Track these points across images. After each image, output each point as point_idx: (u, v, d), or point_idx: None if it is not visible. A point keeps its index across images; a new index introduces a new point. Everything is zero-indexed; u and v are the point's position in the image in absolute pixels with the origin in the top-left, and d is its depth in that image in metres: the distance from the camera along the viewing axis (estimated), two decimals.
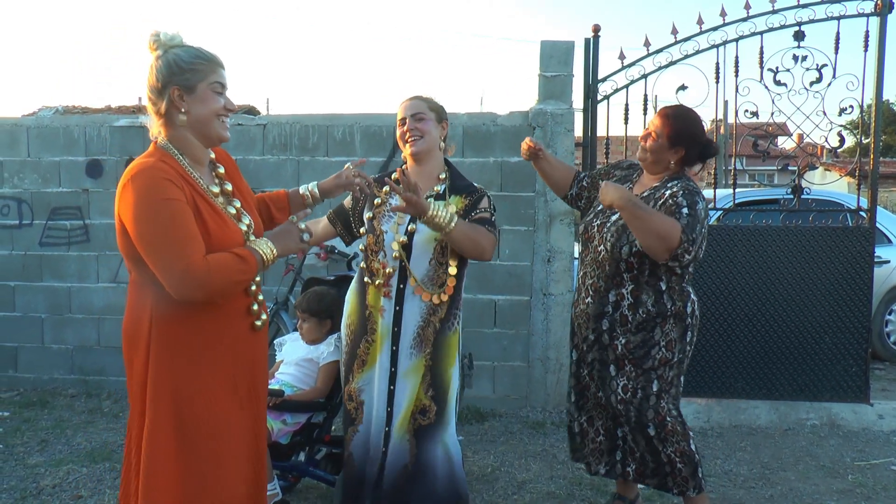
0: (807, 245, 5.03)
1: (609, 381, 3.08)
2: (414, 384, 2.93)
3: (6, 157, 5.70)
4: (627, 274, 3.00)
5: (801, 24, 4.92)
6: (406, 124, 2.99)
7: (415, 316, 2.91)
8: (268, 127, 5.43)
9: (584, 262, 3.18)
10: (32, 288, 5.72)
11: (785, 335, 5.05)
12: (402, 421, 2.92)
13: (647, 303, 2.99)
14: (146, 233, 2.05)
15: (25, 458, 4.29)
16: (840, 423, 4.94)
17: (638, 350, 3.00)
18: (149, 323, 2.13)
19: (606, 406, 3.14)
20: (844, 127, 5.37)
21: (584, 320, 3.15)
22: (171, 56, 2.18)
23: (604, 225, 3.09)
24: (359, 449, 2.98)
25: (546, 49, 5.20)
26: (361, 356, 2.97)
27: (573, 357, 3.28)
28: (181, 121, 2.18)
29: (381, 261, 2.92)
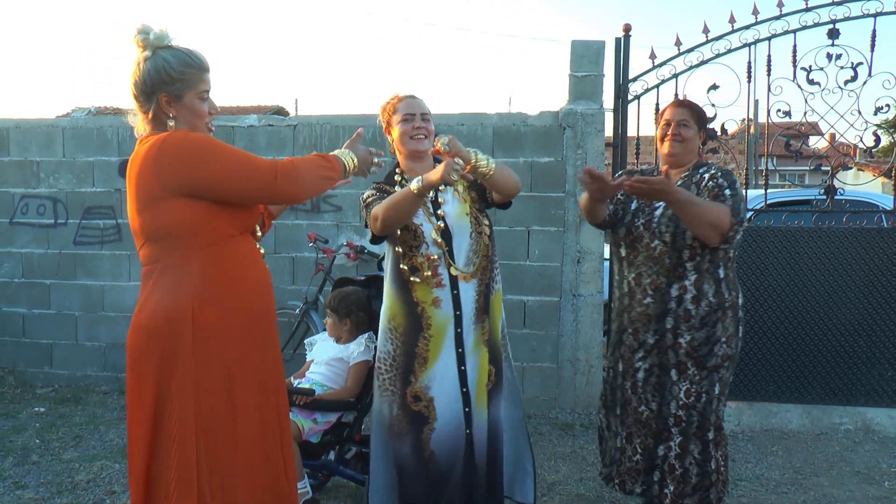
0: (840, 246, 4.96)
1: (670, 386, 2.97)
2: (479, 357, 2.94)
3: (42, 157, 5.80)
4: (690, 263, 2.94)
5: (836, 22, 4.85)
6: (415, 121, 2.96)
7: (470, 293, 2.92)
8: (298, 127, 5.47)
9: (635, 264, 3.06)
10: (67, 286, 5.81)
11: (818, 338, 4.98)
12: (479, 397, 2.92)
13: (708, 293, 2.94)
14: (219, 161, 2.12)
15: (60, 454, 4.37)
16: (875, 428, 4.86)
17: (702, 347, 2.93)
18: (191, 313, 2.11)
19: (649, 421, 3.02)
20: (880, 126, 5.28)
21: (643, 323, 3.03)
22: (160, 61, 2.18)
23: (650, 221, 3.02)
24: (441, 445, 2.89)
25: (577, 49, 5.18)
26: (422, 354, 2.89)
27: (619, 368, 3.14)
28: (170, 126, 2.21)
29: (425, 253, 2.88)
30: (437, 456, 2.90)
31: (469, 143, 2.90)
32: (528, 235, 5.23)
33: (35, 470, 4.11)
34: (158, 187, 2.10)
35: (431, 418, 2.89)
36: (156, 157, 2.10)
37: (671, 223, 2.96)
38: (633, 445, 3.10)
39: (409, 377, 2.90)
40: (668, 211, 2.98)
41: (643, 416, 3.04)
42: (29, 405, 5.34)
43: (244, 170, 2.15)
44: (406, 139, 2.97)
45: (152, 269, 2.18)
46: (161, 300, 2.14)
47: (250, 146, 5.46)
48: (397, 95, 3.05)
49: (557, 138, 5.19)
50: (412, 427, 2.90)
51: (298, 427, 3.37)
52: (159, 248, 2.16)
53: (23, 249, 5.86)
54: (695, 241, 2.92)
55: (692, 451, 2.98)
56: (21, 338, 5.91)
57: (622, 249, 3.14)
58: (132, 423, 2.21)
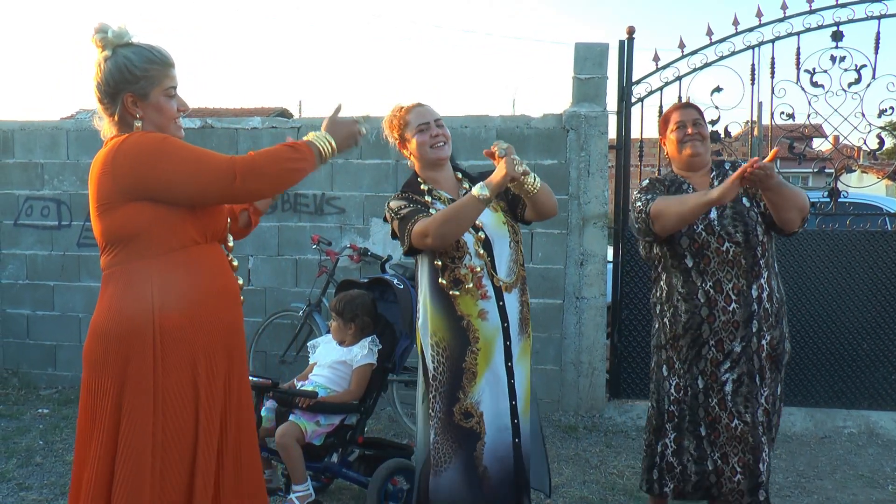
0: (844, 249, 4.96)
1: (756, 394, 2.89)
2: (525, 367, 2.89)
3: (47, 159, 5.81)
4: (763, 260, 2.91)
5: (840, 24, 4.85)
6: (431, 129, 2.88)
7: (514, 304, 2.86)
8: (302, 129, 5.47)
9: (709, 271, 2.90)
10: (71, 288, 5.82)
11: (821, 341, 4.98)
12: (525, 408, 2.86)
13: (776, 289, 2.94)
14: (174, 162, 2.03)
15: (64, 455, 4.37)
16: (879, 431, 4.86)
17: (779, 346, 2.94)
18: (151, 315, 2.04)
19: (745, 435, 2.86)
20: (884, 128, 5.28)
21: (728, 332, 2.89)
22: (121, 60, 2.10)
23: (710, 225, 2.90)
24: (493, 460, 2.78)
25: (580, 51, 5.18)
26: (470, 369, 2.76)
27: (698, 386, 2.95)
28: (136, 127, 2.13)
29: (469, 264, 2.76)
30: (490, 472, 2.79)
31: (473, 145, 2.89)
32: (531, 238, 5.23)
33: (39, 471, 4.12)
34: (115, 191, 2.04)
35: (483, 433, 2.77)
36: (112, 160, 2.04)
37: (738, 223, 2.88)
38: (732, 466, 2.90)
39: (457, 394, 2.77)
40: (727, 211, 2.90)
41: (738, 431, 2.88)
42: (33, 407, 5.35)
43: (199, 170, 2.06)
44: (427, 149, 2.86)
45: (111, 273, 2.10)
46: (121, 305, 2.06)
47: (254, 148, 5.42)
48: (402, 107, 2.95)
49: (561, 141, 5.19)
50: (462, 447, 2.77)
51: (301, 429, 3.37)
52: (119, 253, 2.09)
53: (27, 251, 5.87)
54: (764, 237, 2.90)
55: (770, 455, 2.93)
56: (25, 339, 5.92)
57: (687, 260, 2.95)
58: (83, 433, 2.11)
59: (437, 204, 2.85)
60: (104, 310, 2.10)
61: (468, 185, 2.93)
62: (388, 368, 3.66)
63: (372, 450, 3.72)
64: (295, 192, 5.42)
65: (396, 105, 2.97)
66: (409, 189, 2.92)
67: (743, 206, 2.92)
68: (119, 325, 2.05)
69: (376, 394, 3.65)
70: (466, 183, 2.96)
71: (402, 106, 2.95)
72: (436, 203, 2.85)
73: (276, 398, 3.48)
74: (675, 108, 3.13)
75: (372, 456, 3.69)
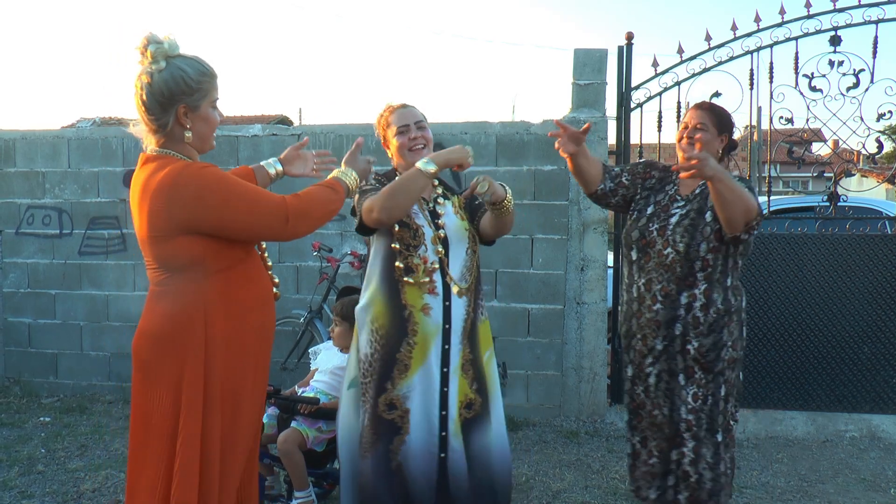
0: (844, 253, 4.96)
1: (678, 391, 2.99)
2: (459, 379, 2.83)
3: (48, 168, 5.83)
4: (702, 273, 2.95)
5: (838, 29, 4.87)
6: (411, 132, 2.89)
7: (460, 309, 2.82)
8: (302, 137, 5.43)
9: (646, 269, 3.05)
10: (72, 296, 5.83)
11: (822, 345, 4.98)
12: (456, 420, 2.80)
13: (717, 301, 2.95)
14: (231, 204, 2.09)
15: (66, 463, 4.37)
16: (881, 435, 4.85)
17: (710, 353, 2.95)
18: (203, 323, 2.12)
19: (662, 425, 3.04)
20: (882, 132, 5.28)
21: (652, 329, 3.03)
22: (176, 71, 2.12)
23: (664, 228, 3.02)
24: (410, 458, 2.76)
25: (579, 57, 5.20)
26: (403, 360, 2.75)
27: (629, 373, 3.17)
28: (187, 138, 2.16)
29: (423, 255, 2.78)
30: (404, 469, 2.75)
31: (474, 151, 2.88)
32: (531, 243, 5.24)
33: (41, 479, 4.12)
34: (170, 225, 2.09)
35: (404, 430, 2.75)
36: (168, 195, 2.07)
37: (686, 233, 2.96)
38: (649, 449, 3.11)
39: (386, 384, 2.75)
40: (683, 220, 2.99)
41: (657, 420, 3.06)
42: (34, 415, 5.35)
43: (254, 212, 2.14)
44: (405, 152, 2.89)
45: (163, 290, 2.18)
46: (171, 309, 2.14)
47: (254, 156, 5.48)
48: (389, 106, 2.98)
49: None
50: (381, 437, 2.75)
51: (303, 435, 3.37)
52: (172, 276, 2.16)
53: (28, 260, 5.88)
54: (708, 254, 2.94)
55: (705, 455, 2.98)
56: (27, 347, 5.92)
57: (633, 253, 3.12)
58: (141, 430, 2.17)
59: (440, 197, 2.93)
60: (154, 312, 2.17)
61: (441, 190, 2.99)
62: None
63: None
64: None
65: (386, 104, 3.01)
66: (384, 176, 2.96)
67: (702, 220, 2.97)
68: (169, 327, 2.13)
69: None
70: (441, 189, 3.00)
71: (390, 105, 2.99)
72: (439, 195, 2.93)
73: (277, 405, 3.48)
74: (691, 108, 3.19)
75: None
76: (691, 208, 3.02)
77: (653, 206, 3.12)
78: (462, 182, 5.15)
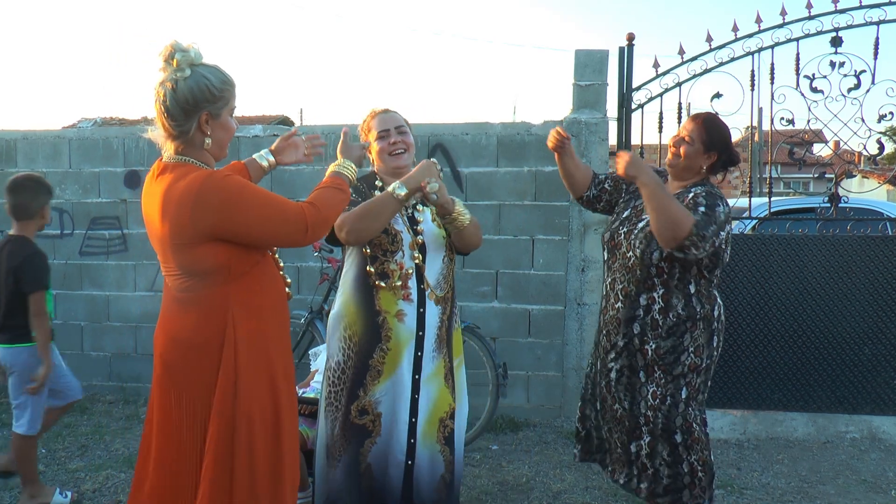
0: (844, 254, 4.96)
1: (639, 387, 3.06)
2: (437, 388, 2.84)
3: (49, 168, 5.82)
4: (658, 279, 3.00)
5: (839, 30, 4.86)
6: (391, 136, 2.92)
7: (434, 317, 2.84)
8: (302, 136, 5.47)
9: (613, 269, 3.16)
10: (72, 296, 5.83)
11: (823, 346, 4.97)
12: (429, 429, 2.82)
13: (677, 306, 2.98)
14: (254, 213, 2.13)
15: (66, 463, 4.38)
16: (881, 436, 4.85)
17: (668, 356, 2.99)
18: (233, 328, 2.16)
19: (623, 418, 3.11)
20: (884, 134, 5.28)
21: (614, 326, 3.12)
22: (201, 79, 2.16)
23: (631, 232, 3.09)
24: (379, 460, 2.80)
25: (580, 58, 5.20)
26: (376, 366, 2.78)
27: (597, 366, 3.25)
28: (206, 144, 2.21)
29: (399, 261, 2.80)
30: (373, 470, 2.78)
31: (474, 152, 2.91)
32: (532, 244, 5.23)
33: (41, 479, 4.11)
34: (193, 233, 2.11)
35: (375, 433, 2.78)
36: (193, 204, 2.09)
37: (644, 240, 3.00)
38: (614, 440, 3.20)
39: (358, 391, 2.77)
40: (647, 227, 3.00)
41: (618, 414, 3.13)
42: None
43: (275, 220, 2.18)
44: (385, 156, 2.93)
45: (188, 297, 2.21)
46: (200, 317, 2.18)
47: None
48: (372, 111, 3.01)
49: None
50: (351, 442, 2.78)
51: (304, 436, 3.37)
52: (195, 283, 2.19)
53: None
54: (662, 262, 2.96)
55: (660, 451, 3.03)
56: None
57: (605, 253, 3.25)
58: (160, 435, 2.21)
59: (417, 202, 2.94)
60: (188, 324, 2.20)
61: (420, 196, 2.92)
62: None
63: None
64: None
65: (370, 109, 3.04)
66: (364, 180, 2.96)
67: None
68: (205, 338, 2.17)
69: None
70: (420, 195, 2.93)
71: (373, 110, 3.02)
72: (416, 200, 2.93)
73: None
74: (690, 117, 3.20)
75: None
76: None
77: (630, 210, 3.19)
78: (463, 184, 5.16)
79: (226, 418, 2.14)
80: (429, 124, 5.37)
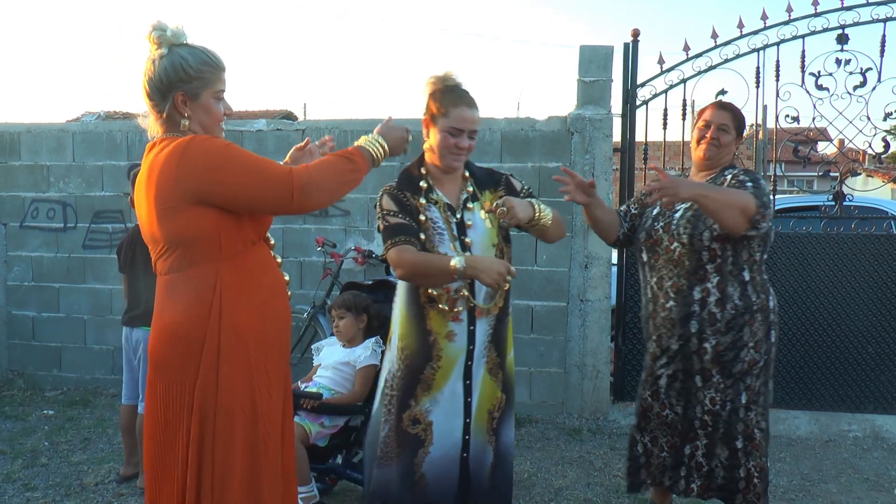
0: (849, 253, 4.95)
1: (695, 392, 2.94)
2: (484, 383, 2.80)
3: (53, 161, 5.83)
4: (711, 265, 2.89)
5: (845, 27, 4.85)
6: (462, 139, 2.67)
7: (486, 327, 2.77)
8: (306, 132, 5.48)
9: (657, 267, 3.01)
10: (76, 289, 5.84)
11: (826, 344, 4.97)
12: (479, 423, 2.79)
13: (733, 296, 2.88)
14: (237, 173, 2.05)
15: (69, 456, 4.39)
16: (884, 435, 4.84)
17: (728, 353, 2.88)
18: (219, 312, 2.07)
19: (674, 423, 3.00)
20: (889, 132, 5.27)
21: (667, 328, 2.97)
22: (176, 58, 2.11)
23: (669, 224, 2.98)
24: (434, 469, 2.75)
25: (585, 54, 5.18)
26: (426, 381, 2.72)
27: (642, 377, 3.14)
28: (184, 125, 2.15)
29: (445, 286, 2.65)
30: (427, 479, 2.76)
31: (478, 147, 2.80)
32: (535, 240, 5.22)
33: (44, 472, 4.13)
34: (179, 195, 2.04)
35: (428, 442, 2.75)
36: (178, 163, 2.04)
37: (689, 224, 2.91)
38: (660, 445, 3.07)
39: (409, 401, 2.74)
40: (687, 213, 2.95)
41: (668, 419, 3.02)
42: (38, 408, 5.37)
43: (259, 183, 2.08)
44: (445, 153, 2.70)
45: (174, 278, 2.12)
46: (185, 298, 2.09)
47: (259, 151, 5.48)
48: (455, 90, 2.69)
49: (566, 143, 5.19)
50: (405, 450, 2.75)
51: (306, 430, 3.38)
52: (181, 256, 2.10)
53: (33, 253, 5.89)
54: (713, 243, 2.87)
55: (719, 454, 2.95)
56: (31, 341, 5.94)
57: (644, 254, 3.09)
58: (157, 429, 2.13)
59: (431, 209, 2.72)
60: (171, 309, 2.11)
61: (472, 189, 2.81)
62: None
63: None
64: None
65: (452, 79, 2.72)
66: (406, 184, 2.76)
67: None
68: (190, 322, 2.08)
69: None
70: (471, 186, 2.82)
71: (455, 87, 2.71)
72: (430, 208, 2.73)
73: None
74: (711, 106, 3.13)
75: None
76: None
77: (658, 206, 3.09)
78: None
79: (207, 412, 2.06)
80: None
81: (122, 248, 4.06)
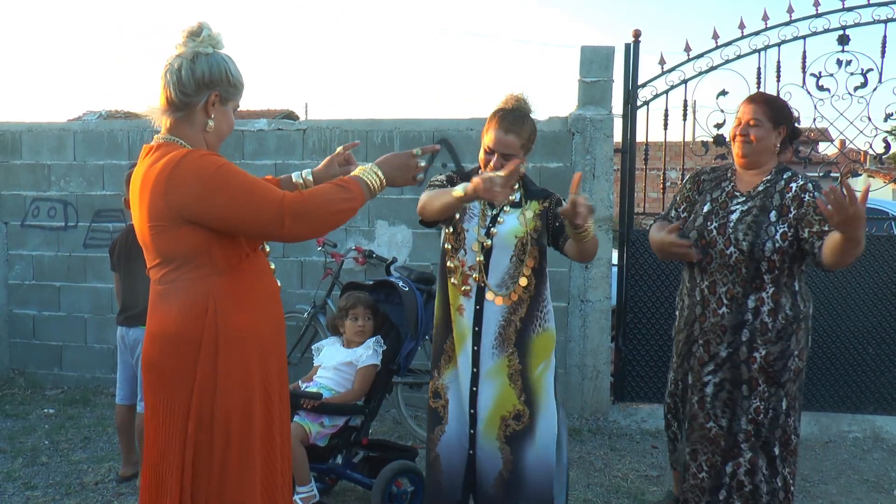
0: None
1: (740, 401, 2.87)
2: (499, 386, 2.81)
3: (54, 160, 5.84)
4: (769, 275, 2.82)
5: (846, 28, 4.84)
6: (493, 159, 2.78)
7: (495, 314, 2.81)
8: (307, 132, 5.48)
9: (709, 271, 2.92)
10: (77, 288, 5.84)
11: (826, 345, 4.97)
12: (489, 425, 2.81)
13: (785, 307, 2.83)
14: (228, 197, 2.00)
15: (69, 455, 4.39)
16: (884, 436, 4.84)
17: (777, 363, 2.83)
18: (214, 320, 2.04)
19: (718, 438, 2.91)
20: (890, 132, 5.27)
21: (717, 334, 2.90)
22: (221, 61, 2.12)
23: (724, 225, 2.89)
24: (447, 450, 2.85)
25: (586, 54, 5.18)
26: (448, 352, 2.88)
27: (688, 380, 3.02)
28: (208, 126, 2.13)
29: (461, 259, 2.84)
30: (441, 460, 2.85)
31: (478, 147, 2.87)
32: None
33: (44, 471, 4.14)
34: (168, 215, 2.02)
35: (444, 420, 2.86)
36: (167, 180, 2.00)
37: (750, 231, 2.83)
38: (699, 462, 2.96)
39: (435, 371, 2.92)
40: (746, 217, 2.87)
41: (711, 433, 2.92)
42: (38, 407, 5.37)
43: (250, 209, 2.02)
44: (481, 167, 2.86)
45: (168, 289, 2.09)
46: (179, 303, 2.06)
47: (260, 150, 5.49)
48: (500, 113, 2.85)
49: (566, 144, 5.19)
50: (431, 423, 2.92)
51: (306, 430, 3.38)
52: (175, 270, 2.08)
53: (34, 252, 5.90)
54: (774, 254, 2.80)
55: (761, 466, 2.87)
56: (31, 339, 5.94)
57: (696, 253, 2.96)
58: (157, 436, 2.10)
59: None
60: (163, 314, 2.09)
61: (519, 198, 2.93)
62: (392, 370, 3.67)
63: (376, 451, 3.73)
64: None
65: (513, 101, 2.90)
66: (462, 177, 2.91)
67: (766, 219, 2.84)
68: (184, 325, 2.05)
69: (381, 395, 3.66)
70: (518, 195, 2.93)
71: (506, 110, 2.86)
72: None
73: None
74: (744, 101, 3.04)
75: (376, 458, 3.70)
76: (753, 205, 2.89)
77: (709, 203, 3.00)
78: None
79: (203, 419, 2.04)
80: (433, 119, 5.37)
81: (115, 247, 4.05)
